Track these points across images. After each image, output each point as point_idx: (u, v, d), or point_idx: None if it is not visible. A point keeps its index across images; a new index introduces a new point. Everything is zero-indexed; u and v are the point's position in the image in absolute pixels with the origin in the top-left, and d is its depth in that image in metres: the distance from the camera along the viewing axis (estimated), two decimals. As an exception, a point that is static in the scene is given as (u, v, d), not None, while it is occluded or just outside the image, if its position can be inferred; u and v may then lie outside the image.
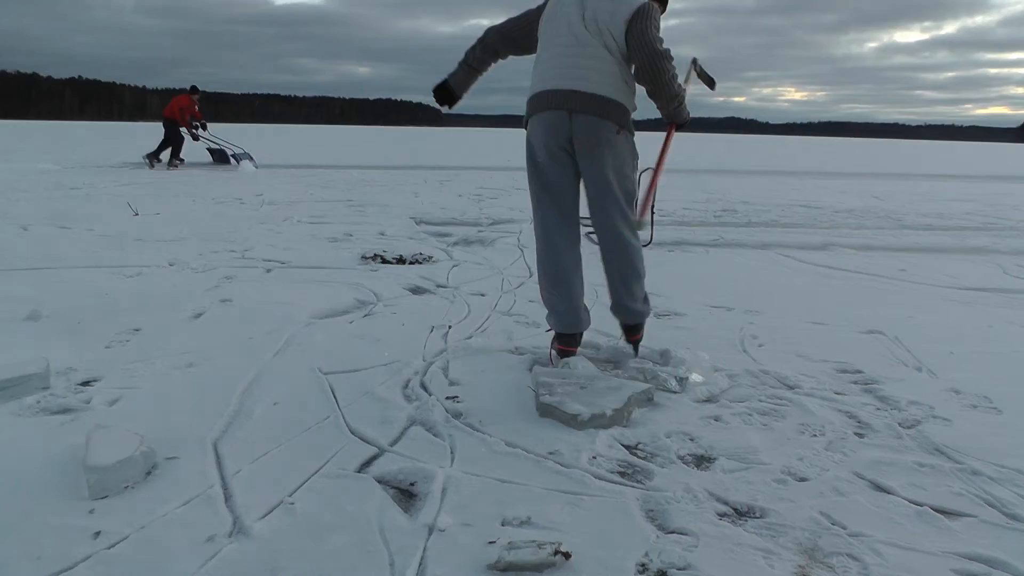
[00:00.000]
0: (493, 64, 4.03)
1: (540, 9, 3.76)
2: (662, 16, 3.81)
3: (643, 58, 3.49)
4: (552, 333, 3.92)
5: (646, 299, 3.93)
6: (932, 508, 2.48)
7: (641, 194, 3.82)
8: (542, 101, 3.60)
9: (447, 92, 4.04)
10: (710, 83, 4.40)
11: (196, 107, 17.66)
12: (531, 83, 3.70)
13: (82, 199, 10.58)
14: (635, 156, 3.72)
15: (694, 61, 4.27)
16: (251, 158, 18.25)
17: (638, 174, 3.78)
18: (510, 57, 3.98)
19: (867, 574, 2.13)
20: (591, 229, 3.79)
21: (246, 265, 6.12)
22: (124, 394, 3.26)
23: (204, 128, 17.85)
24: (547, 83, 3.59)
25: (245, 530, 2.23)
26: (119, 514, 2.29)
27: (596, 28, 3.52)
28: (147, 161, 17.45)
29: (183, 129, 17.38)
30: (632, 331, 3.98)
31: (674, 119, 3.75)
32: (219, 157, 18.82)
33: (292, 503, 2.39)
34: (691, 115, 3.81)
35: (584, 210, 3.76)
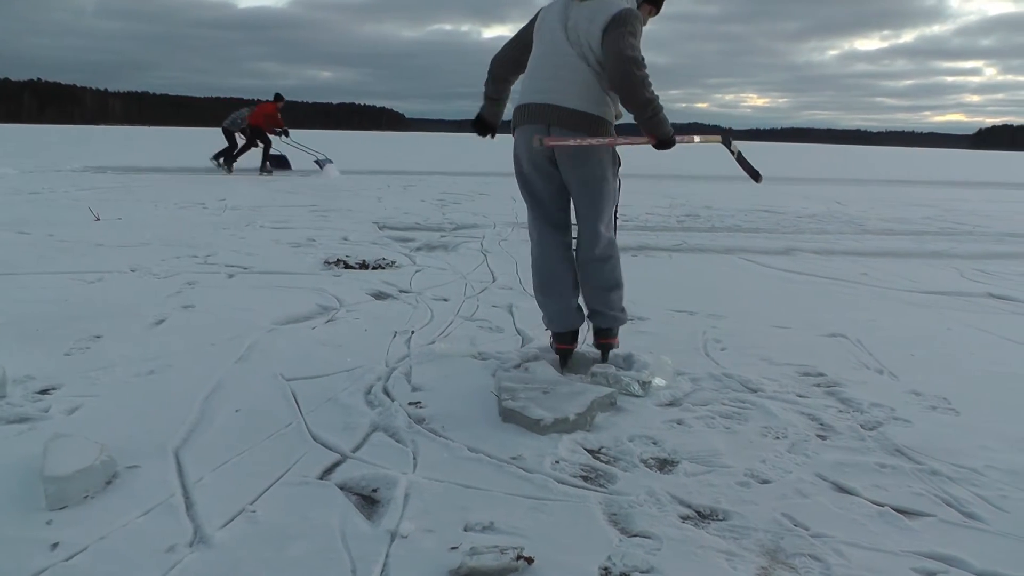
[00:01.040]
0: (511, 87, 4.03)
1: (531, 24, 3.78)
2: (655, 17, 3.87)
3: (611, 64, 3.47)
4: (549, 333, 3.98)
5: (622, 308, 3.93)
6: (893, 508, 2.51)
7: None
8: (523, 115, 3.65)
9: (484, 123, 4.08)
10: (755, 175, 4.06)
11: (279, 115, 17.69)
12: (519, 93, 3.75)
13: (42, 204, 10.42)
14: (616, 163, 3.72)
15: (728, 144, 4.05)
16: (331, 162, 18.33)
17: (618, 182, 3.78)
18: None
19: (829, 574, 2.15)
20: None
21: (208, 271, 6.06)
22: (84, 402, 3.21)
23: (287, 135, 17.86)
24: (528, 96, 3.65)
25: (206, 539, 2.21)
26: (78, 525, 2.25)
27: (576, 38, 3.53)
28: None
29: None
30: (602, 334, 3.94)
31: (653, 132, 3.55)
32: (278, 163, 18.77)
33: (254, 511, 2.37)
34: (673, 134, 3.59)
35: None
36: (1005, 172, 36.51)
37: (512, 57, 3.88)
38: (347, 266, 6.43)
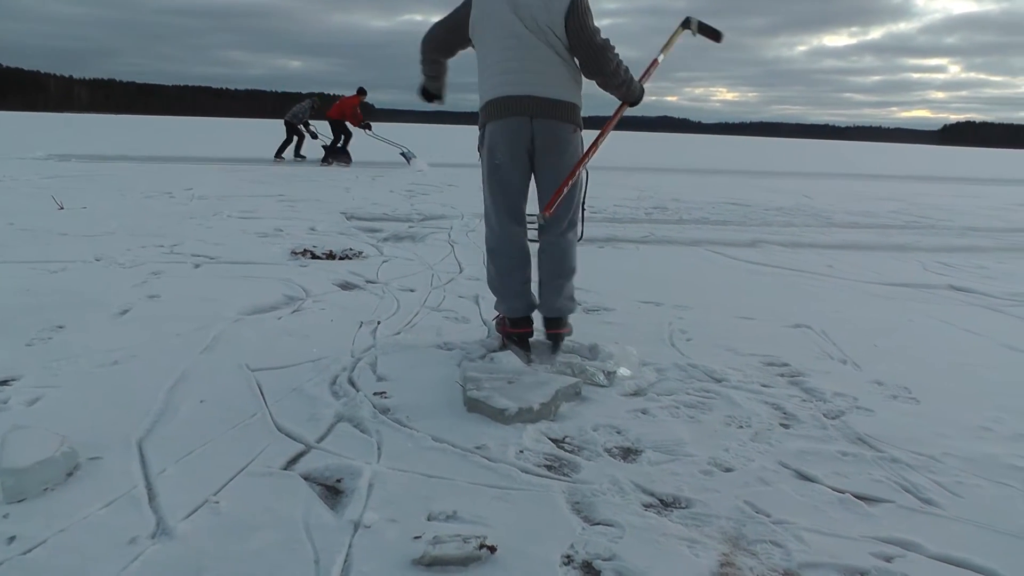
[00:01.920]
0: (446, 65, 4.12)
1: (466, 7, 3.79)
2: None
3: (587, 55, 3.63)
4: (499, 321, 4.04)
5: (573, 296, 3.96)
6: (853, 495, 2.55)
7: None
8: (501, 107, 3.69)
9: (428, 93, 4.20)
10: (715, 36, 4.41)
11: (359, 109, 18.19)
12: (481, 88, 3.77)
13: (3, 192, 10.27)
14: (581, 151, 3.81)
15: (687, 20, 4.30)
16: (415, 156, 18.69)
17: (585, 172, 3.86)
18: (459, 53, 4.03)
19: (789, 560, 2.17)
20: (534, 226, 3.88)
21: (175, 261, 6.00)
22: (45, 393, 3.16)
23: (369, 129, 18.41)
24: (503, 89, 3.68)
25: (169, 531, 2.19)
26: (36, 517, 2.23)
27: (536, 27, 3.58)
28: (327, 162, 18.15)
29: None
30: (553, 324, 3.94)
31: (628, 99, 3.90)
32: (340, 156, 18.96)
33: (217, 502, 2.35)
34: (643, 91, 3.95)
35: (531, 207, 3.84)
36: (968, 168, 36.99)
37: (444, 40, 3.94)
38: (314, 256, 6.40)
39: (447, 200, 11.29)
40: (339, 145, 18.57)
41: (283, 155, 19.24)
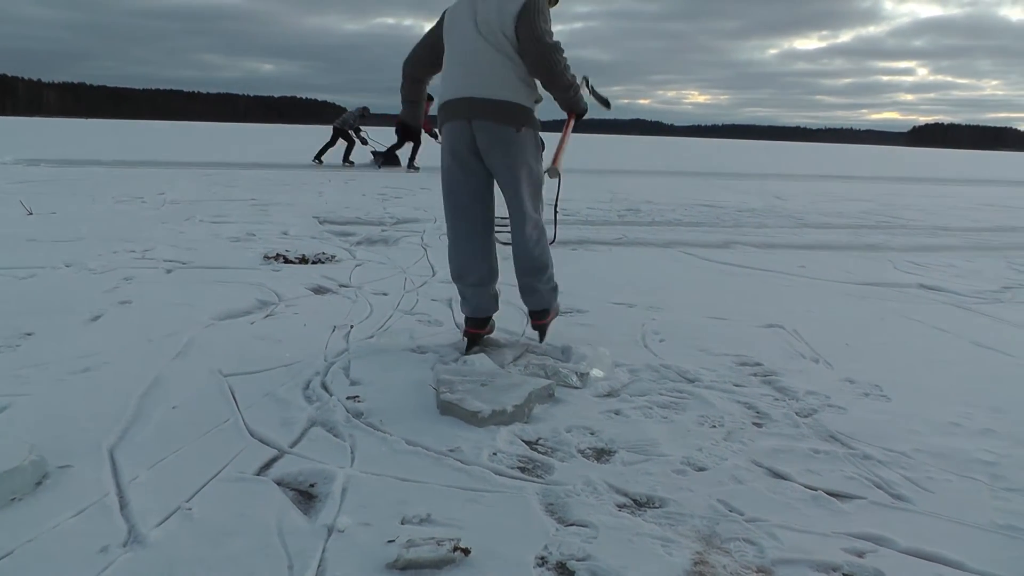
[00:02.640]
0: (425, 87, 4.21)
1: (439, 24, 3.90)
2: (556, 6, 3.99)
3: (534, 54, 3.66)
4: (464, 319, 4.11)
5: (555, 289, 4.05)
6: (826, 492, 2.56)
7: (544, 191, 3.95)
8: (446, 111, 3.80)
9: (408, 130, 4.32)
10: (604, 103, 4.51)
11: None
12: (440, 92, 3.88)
13: (-31, 199, 10.14)
14: (539, 147, 3.89)
15: (585, 80, 4.30)
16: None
17: (543, 166, 3.91)
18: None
19: (763, 557, 2.18)
20: (507, 229, 3.95)
21: (146, 266, 5.94)
22: (13, 401, 3.11)
23: (437, 137, 18.51)
24: (449, 92, 3.79)
25: (141, 538, 2.16)
26: (4, 528, 2.19)
27: (488, 29, 3.65)
28: (376, 164, 18.68)
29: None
30: (538, 316, 4.06)
31: (572, 108, 3.95)
32: (386, 159, 19.39)
33: (190, 509, 2.33)
34: (587, 107, 4.02)
35: (500, 210, 3.94)
36: (937, 168, 37.43)
37: (423, 57, 4.01)
38: (287, 260, 6.37)
39: (420, 203, 11.27)
40: (399, 150, 18.97)
41: (321, 158, 19.68)
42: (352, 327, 4.37)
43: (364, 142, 19.53)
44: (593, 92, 4.35)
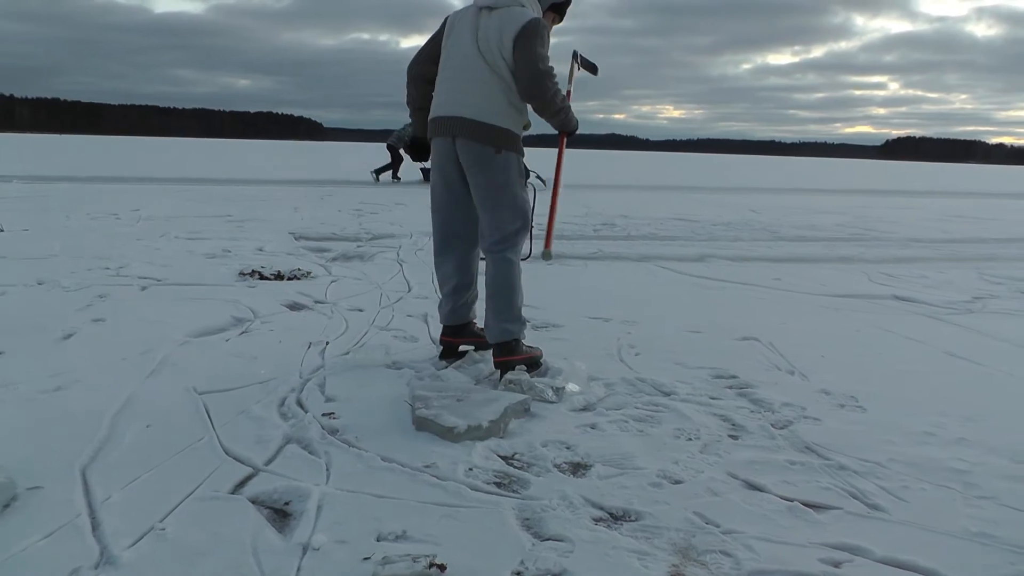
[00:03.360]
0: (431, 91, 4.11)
1: (441, 31, 3.91)
2: (559, 24, 4.07)
3: (527, 80, 3.66)
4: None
5: (514, 320, 3.86)
6: (802, 503, 2.57)
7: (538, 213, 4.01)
8: (434, 127, 3.85)
9: (421, 146, 4.20)
10: (592, 69, 4.67)
11: None
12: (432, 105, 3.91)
13: (-60, 217, 10.03)
14: (522, 174, 3.88)
15: (574, 54, 4.47)
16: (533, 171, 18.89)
17: (529, 192, 3.94)
18: None
19: (739, 569, 2.18)
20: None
21: (121, 283, 5.89)
22: (-19, 422, 3.07)
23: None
24: (438, 109, 3.81)
25: (113, 560, 2.13)
26: (-29, 552, 2.15)
27: (487, 48, 3.66)
28: (395, 179, 19.28)
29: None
30: (496, 351, 3.87)
31: (563, 128, 4.00)
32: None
33: (163, 529, 2.30)
34: (578, 123, 4.04)
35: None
36: (910, 181, 37.85)
37: (430, 60, 3.97)
38: (262, 277, 6.34)
39: (395, 219, 11.25)
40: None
41: (379, 176, 20.11)
42: (327, 343, 4.34)
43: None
44: (583, 63, 4.53)
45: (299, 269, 6.70)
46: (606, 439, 3.10)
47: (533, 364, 3.84)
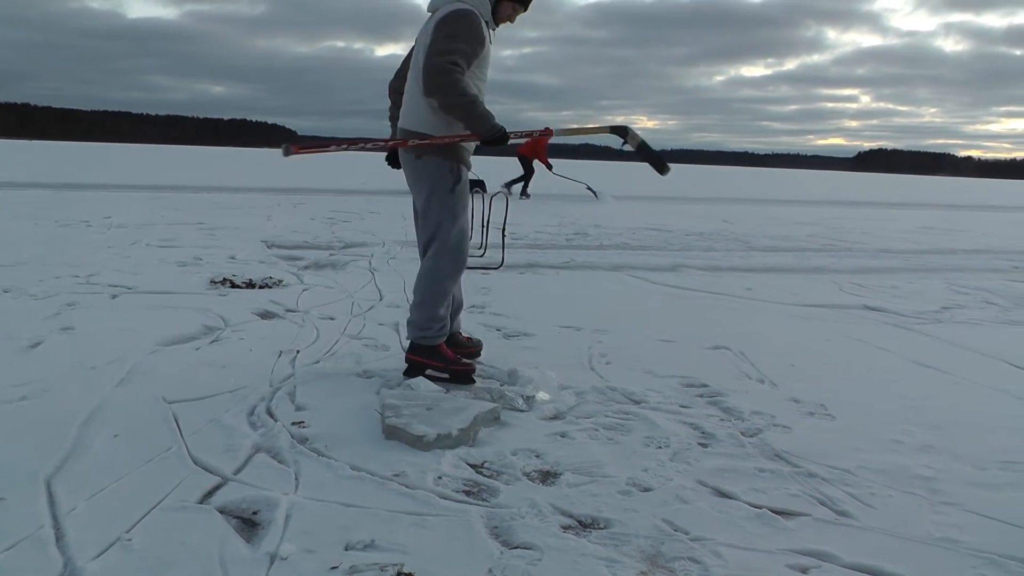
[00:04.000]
0: None
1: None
2: (520, 15, 3.89)
3: (422, 72, 3.56)
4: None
5: (424, 325, 3.85)
6: (770, 510, 2.60)
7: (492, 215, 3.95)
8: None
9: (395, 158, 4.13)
10: (655, 163, 4.07)
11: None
12: None
13: (-94, 225, 9.90)
14: (446, 179, 3.76)
15: (626, 131, 4.01)
16: (601, 191, 19.64)
17: (460, 197, 3.82)
18: None
19: (707, 575, 2.19)
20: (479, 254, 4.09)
21: (90, 291, 5.83)
22: (-57, 432, 3.03)
23: (550, 168, 19.04)
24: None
25: (77, 572, 2.11)
26: (-70, 564, 2.12)
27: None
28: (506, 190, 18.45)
29: (535, 162, 18.87)
30: (408, 347, 3.95)
31: (473, 131, 3.64)
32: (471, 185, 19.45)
33: (130, 539, 2.27)
34: (496, 129, 3.63)
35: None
36: (882, 192, 38.24)
37: (402, 75, 3.99)
38: (234, 285, 6.30)
39: (368, 227, 11.21)
40: (515, 180, 19.20)
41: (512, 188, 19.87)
42: (298, 352, 4.32)
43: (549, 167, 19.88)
44: (643, 152, 4.03)
45: (271, 277, 6.67)
46: (576, 447, 3.10)
47: (458, 377, 3.79)
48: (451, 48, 3.50)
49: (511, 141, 3.73)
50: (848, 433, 3.35)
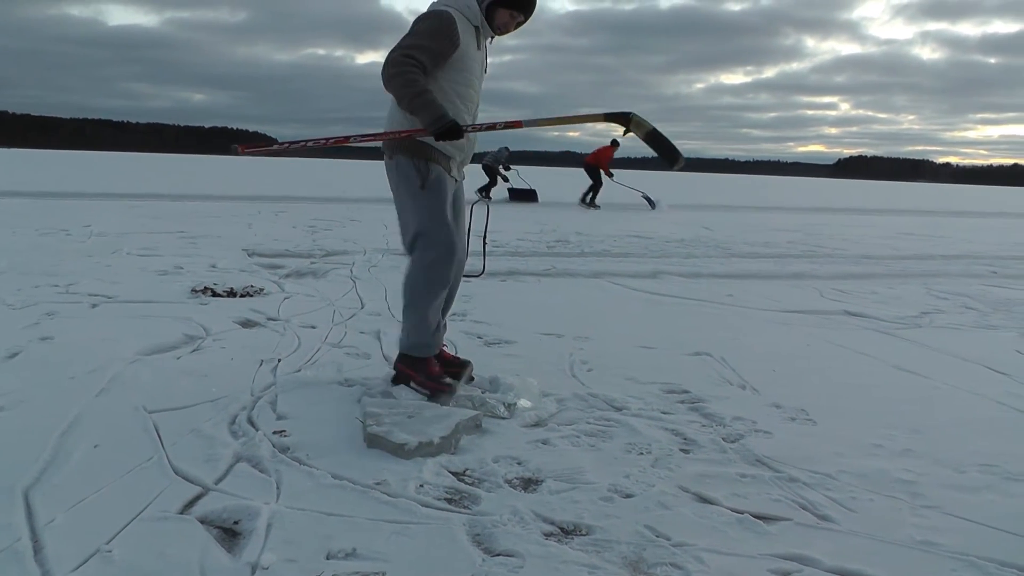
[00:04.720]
0: None
1: None
2: (521, 24, 3.76)
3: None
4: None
5: (411, 332, 3.78)
6: (752, 515, 2.60)
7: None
8: None
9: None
10: (667, 153, 3.71)
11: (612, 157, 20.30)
12: None
13: None
14: (413, 178, 3.62)
15: (629, 119, 3.64)
16: (658, 200, 20.25)
17: (432, 197, 3.65)
18: None
19: (689, 581, 2.19)
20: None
21: (70, 300, 5.78)
22: (-81, 444, 2.99)
23: (611, 176, 20.30)
24: None
25: (56, 584, 2.08)
26: (-97, 579, 2.10)
27: None
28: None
29: (603, 174, 20.03)
30: (398, 357, 3.87)
31: (425, 126, 3.46)
32: (520, 196, 21.02)
33: (109, 551, 2.25)
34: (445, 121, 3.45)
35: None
36: (862, 199, 38.51)
37: None
38: (214, 294, 6.26)
39: (349, 235, 11.18)
40: (589, 192, 20.13)
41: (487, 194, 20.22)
42: (279, 361, 4.30)
43: (505, 179, 20.65)
44: (651, 139, 3.65)
45: (252, 286, 6.64)
46: (557, 454, 3.10)
47: (436, 397, 3.65)
48: (409, 43, 3.46)
49: (477, 131, 3.70)
50: (829, 438, 3.37)
